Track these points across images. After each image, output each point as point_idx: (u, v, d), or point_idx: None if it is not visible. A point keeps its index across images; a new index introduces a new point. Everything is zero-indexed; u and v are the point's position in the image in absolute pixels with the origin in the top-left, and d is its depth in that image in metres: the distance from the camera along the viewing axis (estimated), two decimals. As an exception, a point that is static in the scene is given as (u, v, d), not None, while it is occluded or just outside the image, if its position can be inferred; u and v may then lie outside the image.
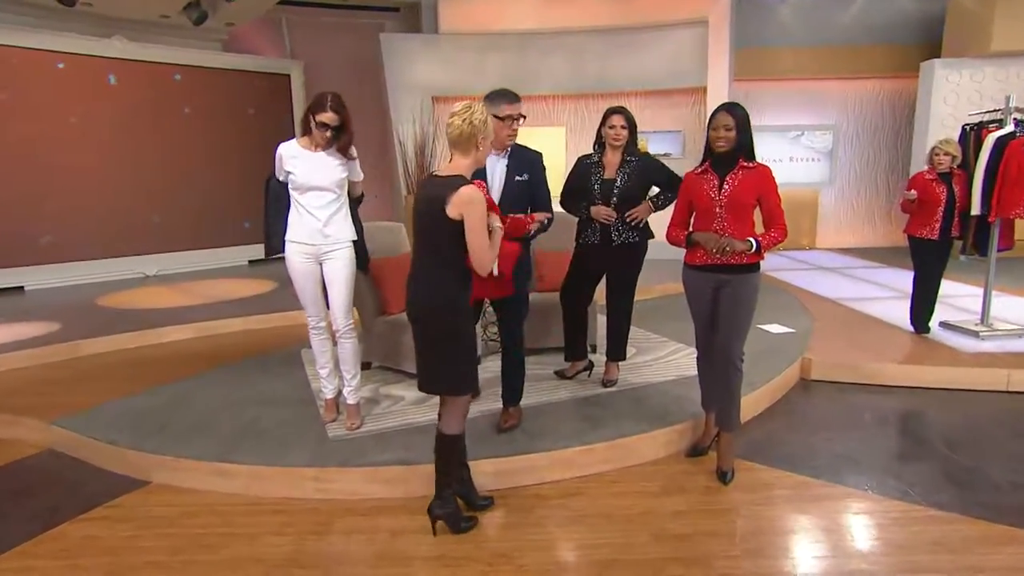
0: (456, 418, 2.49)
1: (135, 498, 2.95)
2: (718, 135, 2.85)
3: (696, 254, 2.95)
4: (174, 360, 4.72)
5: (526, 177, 3.19)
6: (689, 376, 3.92)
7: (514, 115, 3.09)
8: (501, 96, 3.11)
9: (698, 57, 8.37)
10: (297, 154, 3.12)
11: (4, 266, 7.30)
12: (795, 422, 3.64)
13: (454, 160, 2.44)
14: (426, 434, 2.51)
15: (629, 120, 3.59)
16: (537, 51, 8.66)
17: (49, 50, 7.42)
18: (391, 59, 8.46)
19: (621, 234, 3.59)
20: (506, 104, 3.09)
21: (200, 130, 8.41)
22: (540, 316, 4.36)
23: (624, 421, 3.31)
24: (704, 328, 3.08)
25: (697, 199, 2.94)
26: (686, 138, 8.84)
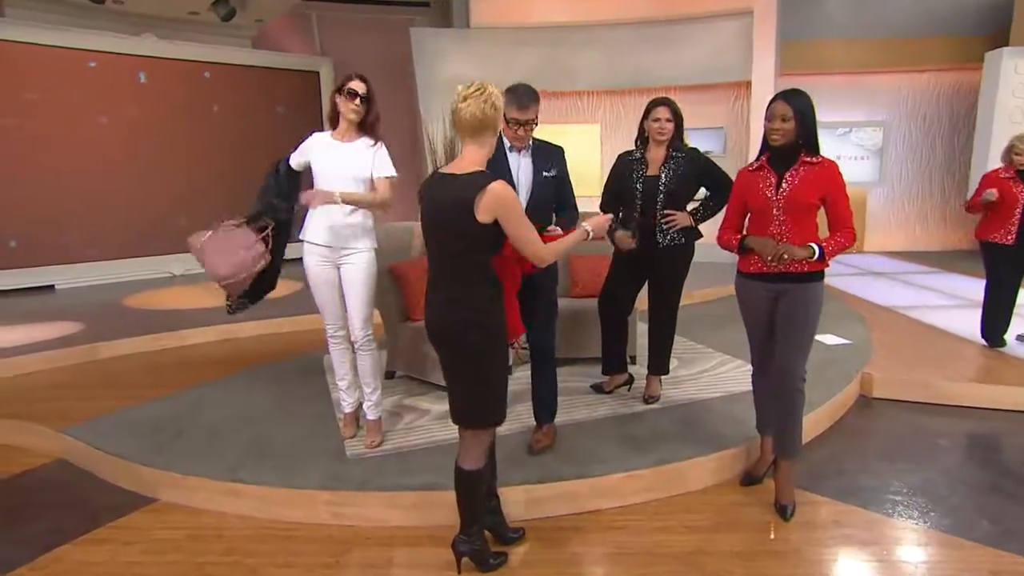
0: (478, 452, 2.19)
1: (141, 518, 2.76)
2: (774, 127, 2.52)
3: (751, 261, 2.63)
4: (193, 364, 4.56)
5: (554, 172, 2.90)
6: (738, 393, 3.59)
7: (521, 120, 2.73)
8: (512, 98, 2.70)
9: (742, 50, 7.96)
10: (328, 144, 2.94)
11: (36, 265, 7.30)
12: (860, 447, 3.27)
13: (468, 153, 2.10)
14: (453, 455, 2.25)
15: (675, 112, 3.27)
16: (571, 45, 8.35)
17: (82, 49, 7.41)
18: (421, 55, 8.25)
19: (666, 235, 3.28)
20: (514, 109, 2.70)
21: (229, 128, 8.32)
22: (575, 324, 4.07)
23: (669, 443, 3.01)
24: (760, 343, 2.76)
25: (752, 199, 2.62)
26: (728, 135, 8.44)
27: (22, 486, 3.10)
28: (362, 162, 2.91)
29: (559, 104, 8.75)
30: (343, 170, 2.87)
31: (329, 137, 2.96)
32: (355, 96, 2.86)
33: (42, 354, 4.60)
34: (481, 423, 2.18)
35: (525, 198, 2.83)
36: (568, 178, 2.99)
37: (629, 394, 3.63)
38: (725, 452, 2.93)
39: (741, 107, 8.36)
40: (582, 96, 8.74)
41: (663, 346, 3.52)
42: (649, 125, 3.29)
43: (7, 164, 7.06)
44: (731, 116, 8.43)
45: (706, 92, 8.29)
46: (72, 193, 7.44)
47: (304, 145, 3.00)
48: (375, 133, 2.95)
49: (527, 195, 2.85)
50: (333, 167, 2.88)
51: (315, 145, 2.96)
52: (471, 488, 2.21)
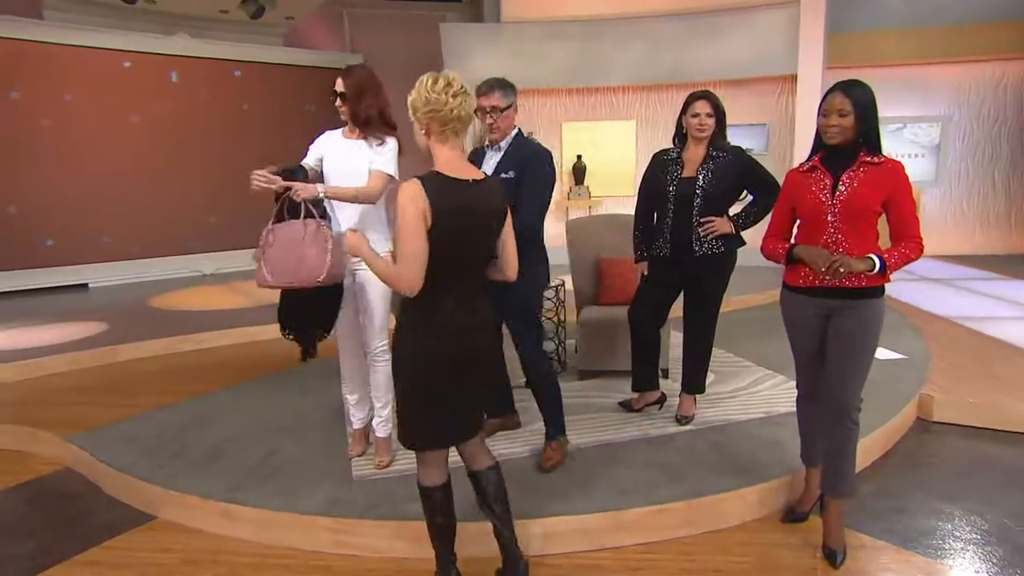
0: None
1: (137, 537, 2.62)
2: (829, 122, 2.21)
3: (799, 273, 2.33)
4: (210, 369, 4.47)
5: (512, 175, 2.66)
6: (780, 415, 3.28)
7: (485, 108, 2.62)
8: (480, 85, 2.64)
9: (787, 42, 7.53)
10: (335, 141, 2.77)
11: (70, 264, 7.39)
12: (919, 480, 2.92)
13: (459, 154, 1.93)
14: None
15: (716, 106, 2.98)
16: (606, 39, 8.05)
17: (116, 49, 7.46)
18: (450, 51, 8.06)
19: (703, 243, 2.99)
20: (477, 95, 2.60)
21: (259, 127, 8.29)
22: (603, 334, 3.82)
23: (703, 472, 2.73)
24: (808, 366, 2.45)
25: (803, 204, 2.32)
26: (771, 132, 8.01)
27: (25, 497, 3.02)
28: (363, 161, 2.70)
29: (592, 100, 8.46)
30: (346, 168, 2.69)
31: (339, 135, 2.79)
32: (335, 96, 2.67)
33: (64, 356, 4.59)
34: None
35: None
36: (537, 187, 2.69)
37: (660, 413, 3.35)
38: (766, 484, 2.64)
39: (785, 102, 7.92)
40: (617, 92, 8.42)
41: (698, 363, 3.23)
42: (687, 121, 3.00)
43: (46, 165, 7.15)
44: (775, 112, 8.00)
45: (748, 87, 7.88)
46: (106, 192, 7.51)
47: (316, 142, 2.83)
48: (370, 130, 2.69)
49: None
50: (338, 165, 2.72)
51: (324, 142, 2.80)
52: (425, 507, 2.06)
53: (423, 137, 1.91)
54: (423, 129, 1.89)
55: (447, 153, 1.90)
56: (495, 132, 2.72)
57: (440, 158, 1.90)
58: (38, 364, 4.46)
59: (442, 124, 1.86)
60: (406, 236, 1.77)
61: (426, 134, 1.89)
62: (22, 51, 6.95)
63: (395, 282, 1.82)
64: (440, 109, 1.84)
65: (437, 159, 1.90)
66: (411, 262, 1.77)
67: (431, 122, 1.86)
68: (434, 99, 1.83)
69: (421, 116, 1.87)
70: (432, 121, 1.86)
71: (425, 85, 1.85)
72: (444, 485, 2.03)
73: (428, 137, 1.90)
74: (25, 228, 7.10)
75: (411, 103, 1.88)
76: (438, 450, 2.01)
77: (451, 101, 1.83)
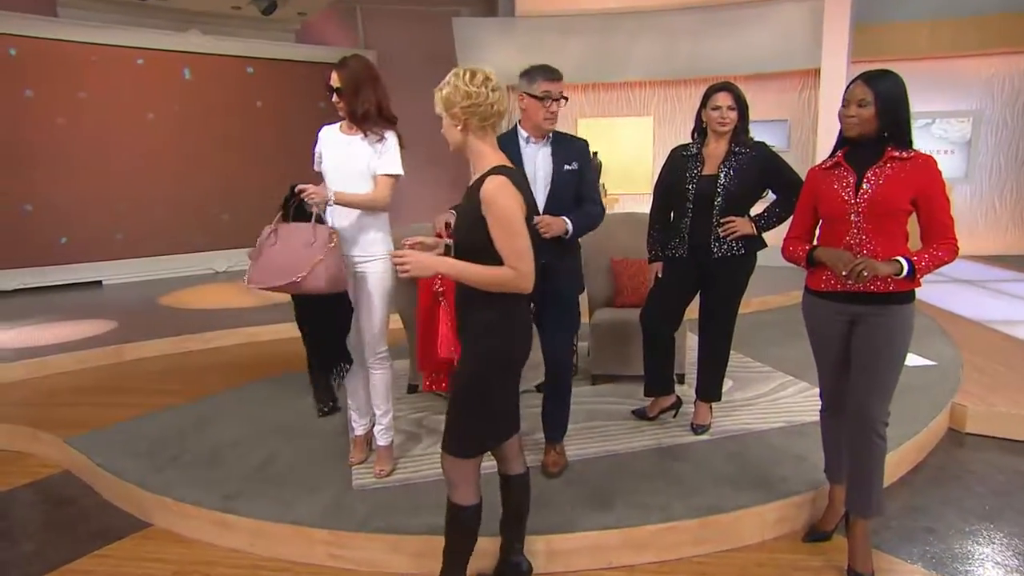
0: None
1: (130, 545, 2.55)
2: (847, 113, 2.07)
3: (822, 276, 2.18)
4: (214, 370, 4.40)
5: (576, 166, 2.60)
6: (802, 424, 3.11)
7: (554, 94, 2.47)
8: (540, 71, 2.51)
9: (811, 35, 7.29)
10: (333, 137, 2.64)
11: (84, 261, 7.40)
12: (953, 498, 2.73)
13: (495, 147, 1.88)
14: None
15: (739, 99, 2.82)
16: (622, 32, 7.87)
17: (130, 47, 7.45)
18: (464, 46, 7.94)
19: (723, 245, 2.84)
20: (544, 80, 2.48)
21: (271, 124, 8.24)
22: (617, 337, 3.68)
23: (720, 486, 2.58)
24: (831, 376, 2.30)
25: (825, 203, 2.17)
26: (792, 128, 7.78)
27: (21, 500, 2.97)
28: (362, 157, 2.59)
29: (608, 96, 8.29)
30: (345, 165, 2.58)
31: (337, 130, 2.67)
32: (331, 92, 2.54)
33: (71, 354, 4.55)
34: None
35: (544, 191, 2.57)
36: (591, 176, 2.71)
37: (674, 421, 3.20)
38: (787, 500, 2.48)
39: (808, 97, 7.69)
40: (634, 87, 8.25)
41: (715, 369, 3.08)
42: (708, 114, 2.84)
43: (61, 163, 7.17)
44: (796, 108, 7.77)
45: (769, 81, 7.67)
46: (119, 190, 7.50)
47: (319, 143, 2.69)
48: (367, 126, 2.56)
49: (546, 191, 2.57)
50: (337, 162, 2.61)
51: (323, 139, 2.68)
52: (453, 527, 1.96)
53: (458, 133, 1.82)
54: (459, 124, 1.80)
55: (491, 148, 1.84)
56: (553, 121, 2.58)
57: (488, 153, 1.83)
58: (45, 363, 4.43)
59: (483, 119, 1.79)
60: (516, 231, 1.73)
61: (463, 129, 1.80)
62: (37, 49, 6.95)
63: (512, 283, 1.76)
64: (481, 104, 1.77)
65: (483, 154, 1.83)
66: (526, 257, 1.74)
67: (470, 117, 1.78)
68: (475, 93, 1.76)
69: (459, 111, 1.78)
70: (472, 116, 1.78)
71: (463, 79, 1.77)
72: (479, 505, 1.92)
73: (465, 133, 1.81)
74: (40, 226, 7.12)
75: (445, 98, 1.79)
76: (493, 448, 1.96)
77: (491, 96, 1.78)
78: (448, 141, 1.87)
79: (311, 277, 2.40)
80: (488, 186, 1.73)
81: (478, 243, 1.76)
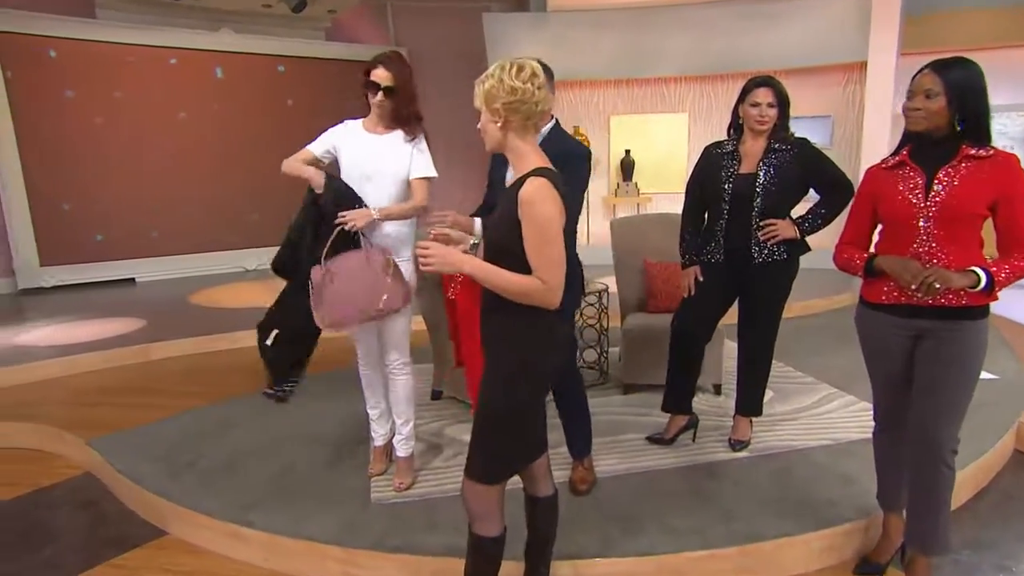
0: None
1: (145, 555, 2.48)
2: (912, 105, 1.87)
3: (881, 287, 1.98)
4: (237, 371, 4.35)
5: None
6: (850, 442, 2.91)
7: None
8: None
9: (857, 26, 6.96)
10: (358, 135, 2.49)
11: (119, 258, 7.50)
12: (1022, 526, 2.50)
13: (535, 148, 1.74)
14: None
15: (780, 94, 2.63)
16: (657, 27, 7.63)
17: (163, 46, 7.51)
18: (494, 42, 7.80)
19: (763, 249, 2.65)
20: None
21: (302, 122, 8.20)
22: (650, 344, 3.51)
23: (761, 510, 2.40)
24: (890, 394, 2.10)
25: (888, 206, 1.96)
26: (836, 124, 7.45)
27: (42, 502, 2.94)
28: (397, 159, 2.49)
29: (642, 92, 8.06)
30: (368, 165, 2.46)
31: (360, 127, 2.53)
32: (376, 90, 2.41)
33: (100, 353, 4.56)
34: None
35: None
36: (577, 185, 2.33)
37: (711, 436, 3.02)
38: (836, 528, 2.28)
39: (853, 92, 7.35)
40: (668, 83, 8.00)
41: (755, 382, 2.88)
42: (746, 110, 2.65)
43: (97, 161, 7.26)
44: (840, 103, 7.43)
45: (810, 76, 7.33)
46: (153, 188, 7.58)
47: (333, 134, 2.54)
48: (412, 127, 2.50)
49: None
50: (359, 160, 2.47)
51: (345, 135, 2.53)
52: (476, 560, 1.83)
53: (497, 130, 1.67)
54: (498, 121, 1.65)
55: (533, 148, 1.70)
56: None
57: (529, 153, 1.69)
58: (74, 361, 4.45)
59: (526, 117, 1.65)
60: (550, 238, 1.60)
61: (503, 127, 1.66)
62: (76, 51, 7.05)
63: (538, 295, 1.61)
64: (526, 101, 1.62)
65: (524, 155, 1.69)
66: (557, 269, 1.61)
67: (512, 114, 1.64)
68: (520, 89, 1.61)
69: (500, 107, 1.63)
70: (515, 113, 1.63)
71: (508, 73, 1.62)
72: (503, 535, 1.80)
73: (505, 130, 1.67)
74: (77, 223, 7.24)
75: (487, 91, 1.64)
76: (521, 469, 1.83)
77: (537, 93, 1.63)
78: (485, 138, 1.72)
79: (391, 299, 2.33)
80: (528, 188, 1.59)
81: (511, 248, 1.62)
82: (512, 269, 1.62)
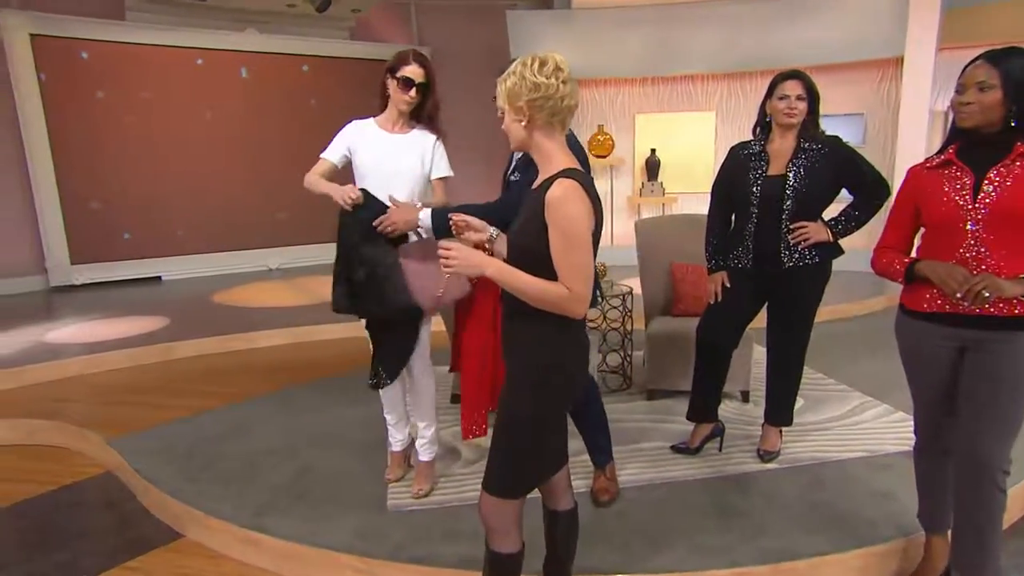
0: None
1: (160, 558, 2.46)
2: (963, 99, 1.74)
3: (923, 294, 1.86)
4: (259, 371, 4.35)
5: (517, 177, 2.30)
6: (887, 455, 2.78)
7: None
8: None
9: (893, 20, 6.73)
10: (375, 134, 2.44)
11: (145, 256, 7.60)
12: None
13: (564, 147, 1.64)
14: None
15: (809, 88, 2.51)
16: (685, 23, 7.48)
17: (190, 47, 7.59)
18: (518, 40, 7.72)
19: (793, 253, 2.53)
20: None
21: (326, 122, 8.20)
22: (675, 349, 3.41)
23: (793, 526, 2.29)
24: (931, 408, 1.98)
25: (933, 207, 1.84)
26: (868, 123, 7.22)
27: (63, 502, 2.94)
28: (420, 158, 2.45)
29: (668, 89, 7.91)
30: (386, 165, 2.41)
31: (375, 126, 2.48)
32: (410, 86, 2.36)
33: (123, 351, 4.60)
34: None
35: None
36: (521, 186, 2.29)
37: (739, 445, 2.91)
38: (873, 548, 2.17)
39: (887, 89, 7.11)
40: (695, 80, 7.84)
41: (786, 391, 2.77)
42: (774, 104, 2.53)
43: (125, 161, 7.37)
44: (874, 100, 7.20)
45: (841, 73, 7.12)
46: (180, 187, 7.67)
47: (346, 137, 2.49)
48: (435, 125, 2.46)
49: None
50: (379, 160, 2.42)
51: (359, 136, 2.47)
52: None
53: (522, 129, 1.59)
54: (522, 119, 1.57)
55: (559, 147, 1.61)
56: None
57: (555, 153, 1.60)
58: (99, 359, 4.50)
59: (551, 114, 1.56)
60: (578, 244, 1.52)
61: (527, 125, 1.57)
62: (107, 52, 7.16)
63: (563, 303, 1.53)
64: (551, 97, 1.53)
65: (550, 154, 1.60)
66: (584, 276, 1.52)
67: (536, 111, 1.55)
68: (543, 84, 1.52)
69: (524, 105, 1.54)
70: (539, 110, 1.55)
71: (531, 68, 1.53)
72: (521, 551, 1.72)
73: (530, 129, 1.58)
74: (106, 222, 7.35)
75: (509, 89, 1.56)
76: (541, 483, 1.76)
77: (562, 87, 1.53)
78: (510, 138, 1.64)
79: (447, 293, 2.34)
80: (555, 191, 1.51)
81: (536, 253, 1.54)
82: (537, 275, 1.54)
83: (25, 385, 4.15)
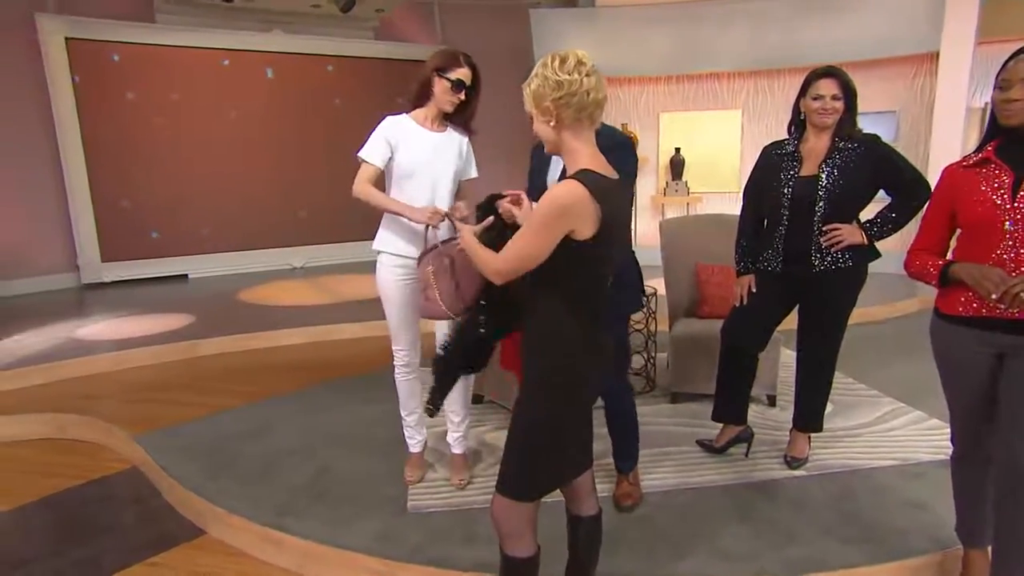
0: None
1: (182, 555, 2.48)
2: (1009, 96, 1.66)
3: (958, 297, 1.79)
4: (282, 369, 4.38)
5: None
6: (921, 463, 2.69)
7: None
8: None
9: (927, 14, 6.55)
10: (414, 132, 2.41)
11: (172, 255, 7.73)
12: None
13: (592, 146, 1.60)
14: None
15: (846, 86, 2.43)
16: (711, 21, 7.37)
17: (217, 48, 7.70)
18: (542, 39, 7.68)
19: (826, 256, 2.46)
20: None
21: (350, 122, 8.31)
22: (700, 352, 3.36)
23: (821, 536, 2.22)
24: (969, 417, 1.90)
25: (969, 207, 1.77)
26: (901, 120, 7.03)
27: (90, 497, 2.98)
28: (459, 158, 2.48)
29: (693, 88, 7.80)
30: (433, 165, 2.41)
31: (413, 124, 2.44)
32: (461, 88, 2.35)
33: (149, 349, 4.67)
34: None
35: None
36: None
37: (765, 451, 2.84)
38: (908, 561, 2.09)
39: (921, 85, 6.92)
40: (721, 78, 7.71)
41: (816, 397, 2.69)
42: (808, 104, 2.47)
43: (154, 161, 7.50)
44: (907, 97, 7.00)
45: (875, 69, 6.94)
46: (206, 186, 7.78)
47: (386, 134, 2.41)
48: (469, 127, 2.51)
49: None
50: (426, 159, 2.41)
51: (400, 132, 2.42)
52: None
53: (551, 130, 1.56)
54: (551, 120, 1.54)
55: (585, 146, 1.57)
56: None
57: (583, 152, 1.56)
58: (127, 356, 4.57)
59: (578, 110, 1.52)
60: (533, 231, 1.50)
61: (556, 126, 1.54)
62: (138, 54, 7.30)
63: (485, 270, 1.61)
64: (575, 92, 1.50)
65: (575, 154, 1.56)
66: (519, 260, 1.53)
67: (563, 109, 1.51)
68: (566, 81, 1.49)
69: (550, 105, 1.52)
70: (565, 108, 1.51)
71: (552, 67, 1.51)
72: (537, 556, 1.69)
73: (559, 129, 1.55)
74: (135, 221, 7.49)
75: (534, 92, 1.54)
76: (556, 487, 1.72)
77: (586, 81, 1.50)
78: (544, 142, 1.62)
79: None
80: (554, 187, 1.51)
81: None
82: (542, 273, 1.53)
83: (57, 380, 4.24)
